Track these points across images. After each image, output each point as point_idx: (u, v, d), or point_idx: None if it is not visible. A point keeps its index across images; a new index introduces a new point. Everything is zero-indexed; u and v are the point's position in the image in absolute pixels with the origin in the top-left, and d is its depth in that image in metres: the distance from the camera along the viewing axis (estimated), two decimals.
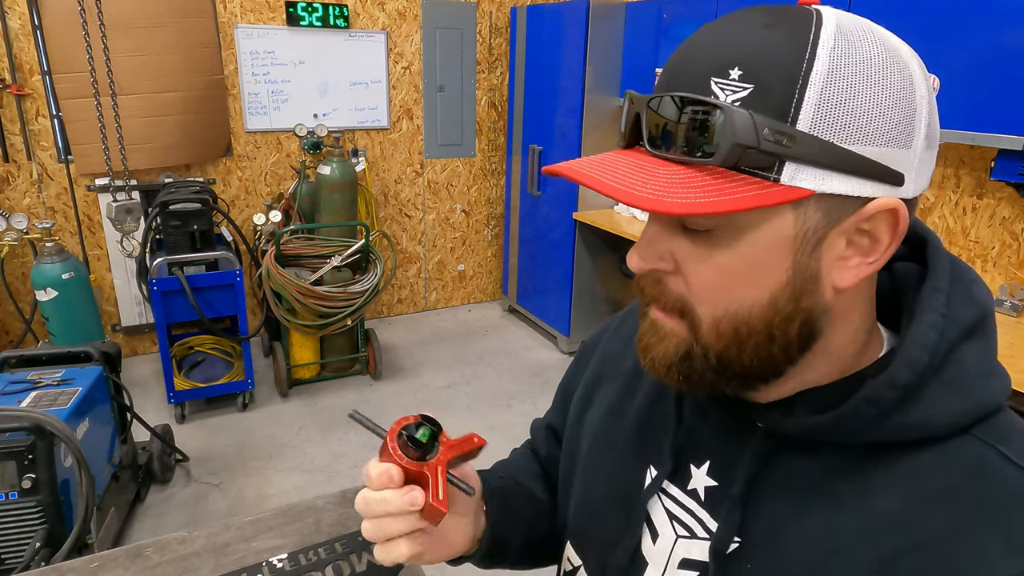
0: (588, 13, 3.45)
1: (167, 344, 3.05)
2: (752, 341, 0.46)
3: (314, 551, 0.95)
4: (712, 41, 0.45)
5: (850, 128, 0.41)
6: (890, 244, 0.45)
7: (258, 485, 2.77)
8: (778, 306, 0.45)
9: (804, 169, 0.41)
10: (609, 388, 0.69)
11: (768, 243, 0.44)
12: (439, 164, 4.46)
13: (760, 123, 0.41)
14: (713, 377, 0.49)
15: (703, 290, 0.47)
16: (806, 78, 0.41)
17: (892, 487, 0.46)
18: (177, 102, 3.54)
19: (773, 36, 0.42)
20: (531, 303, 4.42)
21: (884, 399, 0.45)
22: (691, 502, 0.56)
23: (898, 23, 2.14)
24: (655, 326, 0.51)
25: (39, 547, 1.80)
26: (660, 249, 0.48)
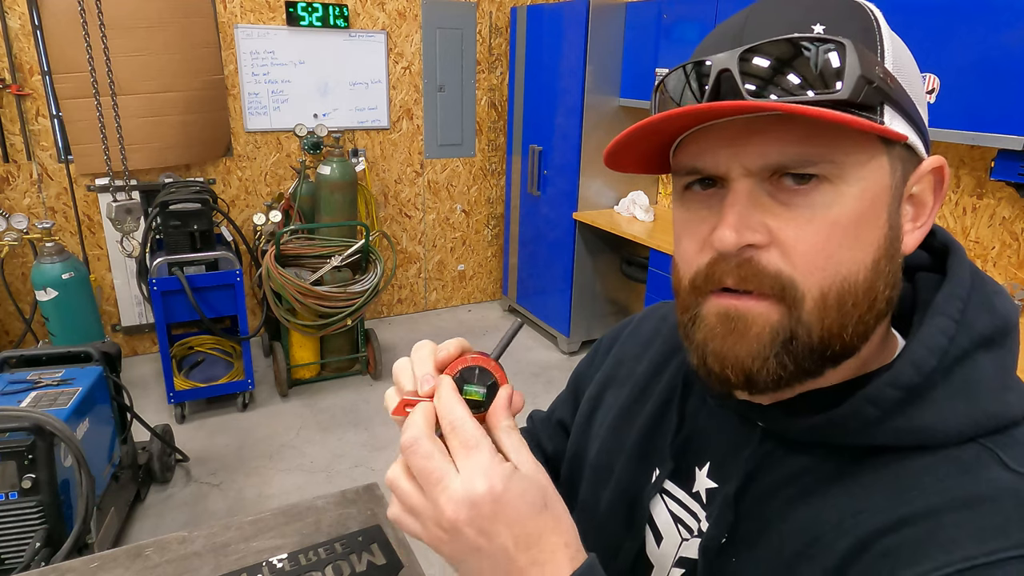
0: (588, 13, 3.45)
1: (167, 344, 3.05)
2: (856, 313, 0.44)
3: (314, 551, 0.95)
4: (775, 10, 0.44)
5: (911, 83, 0.44)
6: (934, 205, 0.46)
7: (258, 485, 2.77)
8: (879, 267, 0.44)
9: (895, 115, 0.43)
10: (620, 391, 0.68)
11: (873, 195, 0.43)
12: (439, 164, 4.46)
13: (871, 61, 0.41)
14: (811, 363, 0.45)
15: (811, 257, 0.43)
16: (879, 29, 0.43)
17: (880, 488, 0.44)
18: (177, 102, 3.54)
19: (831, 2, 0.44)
20: (531, 303, 4.42)
21: (885, 399, 0.44)
22: (694, 504, 0.56)
23: (898, 23, 2.14)
24: (732, 318, 0.45)
25: (39, 547, 1.80)
26: (753, 221, 0.43)
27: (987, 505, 0.40)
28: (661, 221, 3.67)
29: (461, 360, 0.49)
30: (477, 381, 0.48)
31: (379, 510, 1.06)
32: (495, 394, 0.49)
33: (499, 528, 0.42)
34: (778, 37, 0.41)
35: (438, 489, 0.42)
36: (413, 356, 0.50)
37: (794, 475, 0.49)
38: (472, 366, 0.48)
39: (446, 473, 0.42)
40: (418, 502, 0.44)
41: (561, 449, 0.78)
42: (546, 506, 0.45)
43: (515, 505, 0.43)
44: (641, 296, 3.91)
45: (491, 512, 0.42)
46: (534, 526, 0.43)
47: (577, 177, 3.74)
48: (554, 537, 0.44)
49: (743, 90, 0.42)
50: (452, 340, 0.50)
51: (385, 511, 1.07)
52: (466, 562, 0.44)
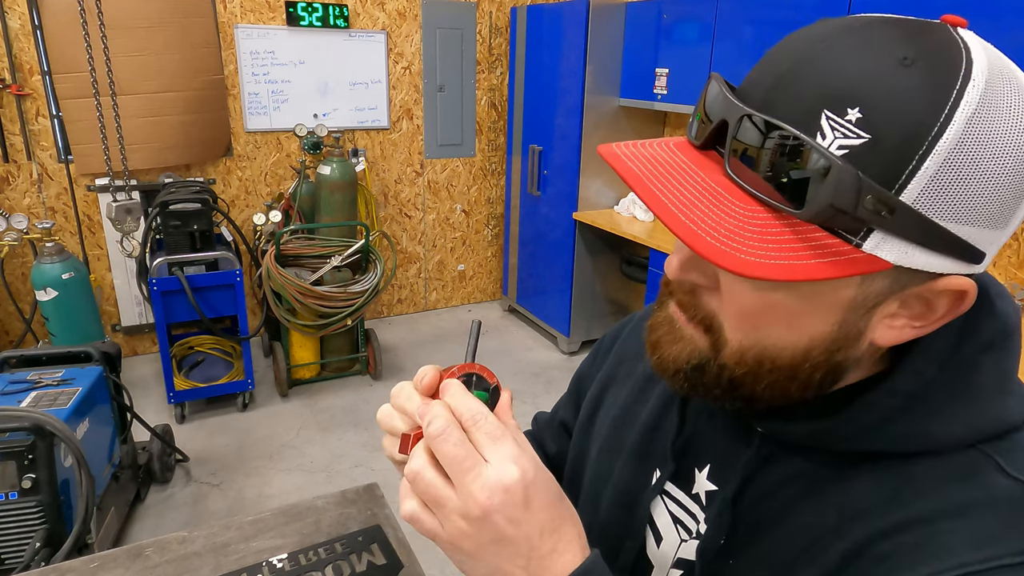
0: (588, 13, 3.45)
1: (167, 344, 3.05)
2: (773, 376, 0.45)
3: (314, 551, 0.95)
4: (834, 57, 0.38)
5: (956, 208, 0.36)
6: (944, 316, 0.42)
7: (258, 485, 2.77)
8: (811, 354, 0.43)
9: (890, 240, 0.37)
10: (621, 390, 0.68)
11: (826, 300, 0.41)
12: (439, 164, 4.46)
13: (865, 188, 0.36)
14: (719, 393, 0.47)
15: (739, 319, 0.44)
16: (932, 144, 0.35)
17: (876, 492, 0.44)
18: (177, 102, 3.54)
19: (908, 79, 0.36)
20: (531, 303, 4.42)
21: (884, 406, 0.44)
22: (694, 506, 0.56)
23: None
24: (672, 324, 0.49)
25: (39, 547, 1.80)
26: (705, 265, 0.45)
27: (983, 511, 0.40)
28: None
29: (449, 375, 0.49)
30: (476, 386, 0.49)
31: (379, 510, 1.06)
32: (497, 395, 0.50)
33: (528, 515, 0.42)
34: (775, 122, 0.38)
35: (470, 476, 0.42)
36: (397, 399, 0.51)
37: (792, 478, 0.49)
38: (466, 374, 0.49)
39: (477, 461, 0.42)
40: (444, 493, 0.43)
41: (564, 450, 0.78)
42: (562, 496, 0.46)
43: (543, 492, 0.43)
44: (641, 296, 3.91)
45: (523, 498, 0.42)
46: (558, 513, 0.44)
47: (577, 177, 3.74)
48: (570, 526, 0.45)
49: (727, 160, 0.41)
50: (424, 368, 0.51)
51: (385, 511, 1.07)
52: (482, 558, 0.43)
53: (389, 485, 2.72)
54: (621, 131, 3.76)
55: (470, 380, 0.50)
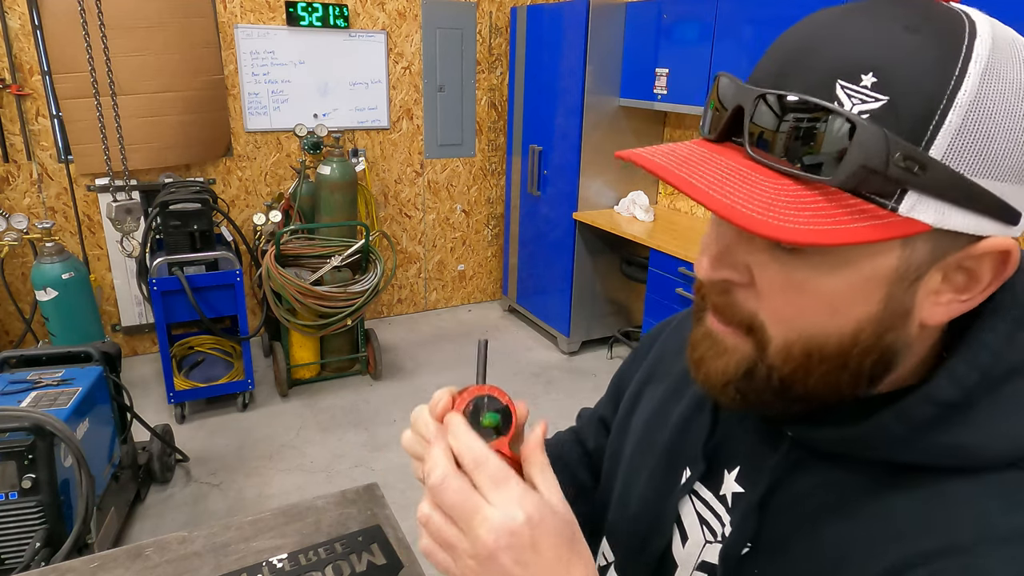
0: (588, 13, 3.45)
1: (167, 344, 3.06)
2: (823, 367, 0.43)
3: (314, 551, 0.95)
4: (840, 33, 0.39)
5: (985, 161, 0.36)
6: (990, 285, 0.40)
7: (258, 485, 2.77)
8: (860, 338, 0.41)
9: (925, 200, 0.37)
10: (657, 388, 0.68)
11: (868, 273, 0.40)
12: (439, 164, 4.46)
13: (893, 145, 0.35)
14: (771, 398, 0.45)
15: (780, 310, 0.42)
16: (951, 98, 0.35)
17: (914, 510, 0.42)
18: (177, 102, 3.54)
19: (917, 41, 0.37)
20: (531, 303, 4.42)
21: (916, 416, 0.41)
22: (720, 507, 0.55)
23: None
24: (713, 338, 0.47)
25: (39, 547, 1.80)
26: (735, 259, 0.44)
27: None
28: (661, 221, 3.67)
29: (461, 399, 0.50)
30: (488, 409, 0.49)
31: (379, 510, 1.06)
32: (509, 416, 0.50)
33: (536, 557, 0.43)
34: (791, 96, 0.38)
35: (476, 521, 0.43)
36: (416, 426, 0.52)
37: (822, 487, 0.47)
38: (478, 396, 0.50)
39: (481, 505, 0.43)
40: (453, 535, 0.44)
41: (602, 445, 0.79)
42: (574, 538, 0.46)
43: (551, 534, 0.43)
44: (641, 296, 3.91)
45: (529, 540, 0.42)
46: (567, 554, 0.44)
47: (577, 177, 3.74)
48: (581, 568, 0.45)
49: (747, 141, 0.41)
50: (438, 393, 0.51)
51: (385, 511, 1.07)
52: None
53: (389, 485, 2.73)
54: (621, 131, 3.76)
55: (482, 403, 0.49)
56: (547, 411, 3.41)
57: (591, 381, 3.73)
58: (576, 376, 3.79)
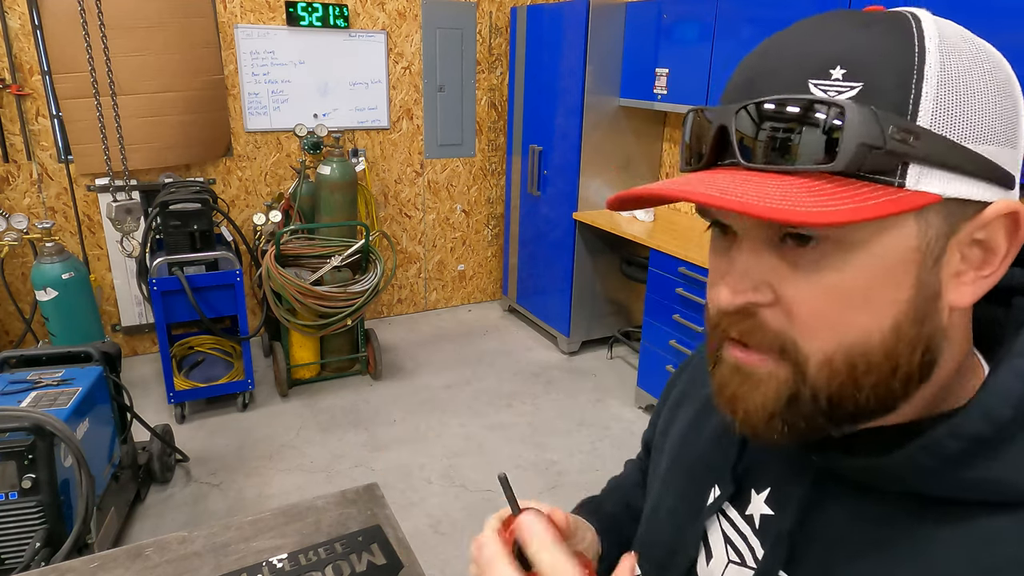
0: (588, 13, 3.45)
1: (167, 344, 3.06)
2: (872, 377, 0.40)
3: (314, 551, 0.95)
4: (799, 41, 0.41)
5: (969, 125, 0.38)
6: (1008, 253, 0.40)
7: (258, 485, 2.77)
8: (901, 332, 0.40)
9: (929, 172, 0.37)
10: (689, 409, 0.68)
11: (890, 258, 0.39)
12: (439, 164, 4.46)
13: (884, 120, 0.36)
14: (823, 422, 0.42)
15: (812, 320, 0.40)
16: (920, 71, 0.37)
17: (957, 549, 0.40)
18: (177, 102, 3.54)
19: (872, 33, 0.39)
20: (531, 303, 4.42)
21: (944, 450, 0.39)
22: (747, 528, 0.54)
23: None
24: (743, 372, 0.44)
25: (39, 547, 1.80)
26: (755, 279, 0.42)
27: None
28: (661, 221, 3.67)
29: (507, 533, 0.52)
30: None
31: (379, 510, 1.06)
32: None
33: None
34: (772, 98, 0.39)
35: None
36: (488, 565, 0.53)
37: (854, 518, 0.45)
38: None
39: None
40: None
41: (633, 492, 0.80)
42: None
43: None
44: (641, 296, 3.90)
45: None
46: None
47: (577, 177, 3.74)
48: None
49: (739, 155, 0.41)
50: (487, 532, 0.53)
51: (385, 511, 1.07)
52: None
53: (389, 485, 2.73)
54: (621, 131, 3.76)
55: None
56: (547, 411, 3.41)
57: (591, 381, 3.73)
58: (576, 376, 3.79)
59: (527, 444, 3.11)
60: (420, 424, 3.26)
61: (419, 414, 3.35)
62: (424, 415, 3.34)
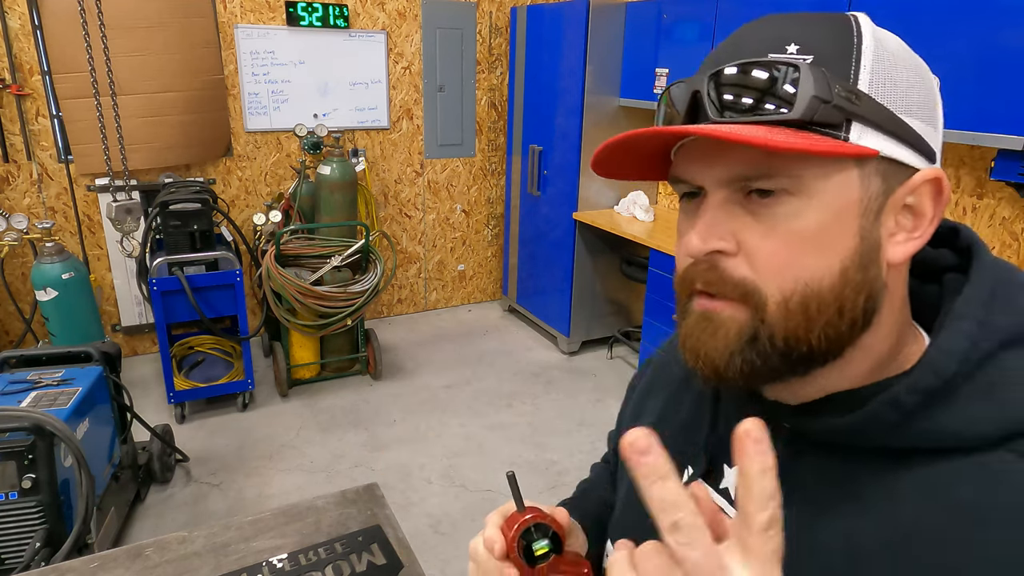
0: (588, 13, 3.45)
1: (167, 344, 3.06)
2: (823, 318, 0.45)
3: (314, 551, 0.95)
4: (757, 29, 0.48)
5: (900, 97, 0.45)
6: (933, 216, 0.46)
7: (258, 485, 2.77)
8: (848, 275, 0.45)
9: (868, 131, 0.44)
10: (659, 398, 0.71)
11: (838, 207, 0.44)
12: (439, 164, 4.46)
13: (832, 80, 0.43)
14: (778, 362, 0.47)
15: (772, 264, 0.45)
16: (859, 48, 0.44)
17: (918, 496, 0.44)
18: (177, 102, 3.54)
19: (821, 22, 0.46)
20: (531, 303, 4.42)
21: (905, 404, 0.44)
22: (723, 501, 0.57)
23: (898, 22, 2.14)
24: (707, 318, 0.48)
25: (39, 547, 1.80)
26: (720, 230, 0.47)
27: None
28: (661, 221, 3.67)
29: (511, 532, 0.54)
30: (538, 535, 0.54)
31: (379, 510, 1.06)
32: (559, 543, 0.55)
33: None
34: (739, 61, 0.45)
35: None
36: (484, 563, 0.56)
37: (824, 478, 0.49)
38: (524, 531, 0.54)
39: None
40: None
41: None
42: None
43: None
44: (641, 296, 3.91)
45: None
46: None
47: (577, 177, 3.74)
48: None
49: (709, 111, 0.46)
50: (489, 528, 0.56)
51: (385, 511, 1.07)
52: None
53: (389, 485, 2.73)
54: (621, 131, 3.66)
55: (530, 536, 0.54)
56: (547, 411, 3.41)
57: (591, 381, 3.73)
58: (576, 376, 3.79)
59: (527, 444, 3.11)
60: (420, 424, 3.26)
61: (419, 414, 3.35)
62: (424, 415, 3.34)
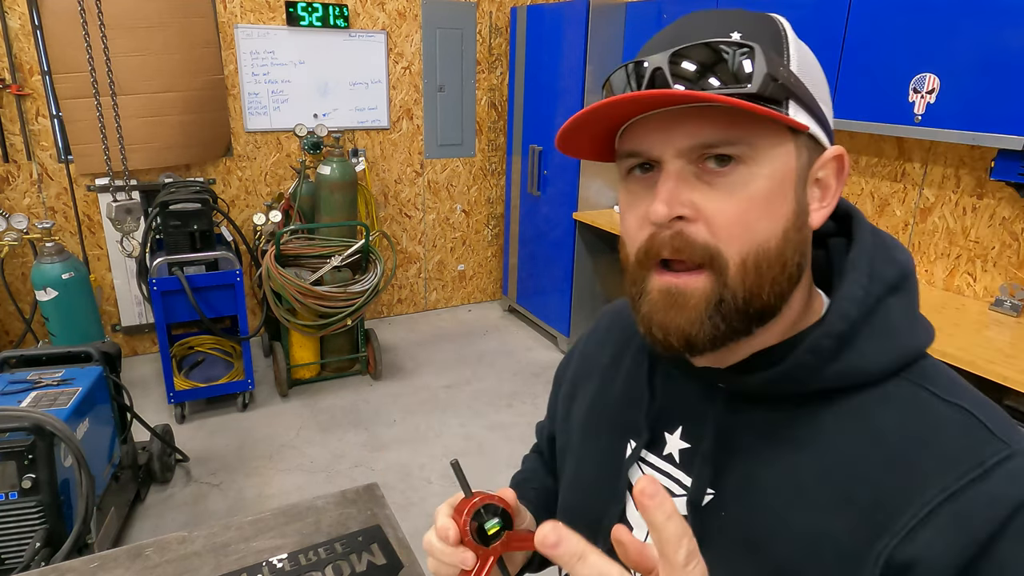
0: (588, 13, 3.45)
1: (167, 344, 3.06)
2: (771, 275, 0.51)
3: (314, 551, 0.95)
4: (699, 19, 0.53)
5: (814, 85, 0.52)
6: (837, 188, 0.54)
7: (258, 485, 2.77)
8: (788, 236, 0.51)
9: (800, 110, 0.50)
10: (590, 384, 0.75)
11: (781, 175, 0.50)
12: (439, 164, 4.46)
13: (778, 61, 0.49)
14: (738, 321, 0.52)
15: (730, 228, 0.50)
16: (785, 39, 0.51)
17: (842, 428, 0.51)
18: (177, 102, 3.54)
19: (752, 16, 0.52)
20: (531, 303, 4.42)
21: (822, 348, 0.51)
22: (668, 465, 0.61)
23: (899, 22, 2.14)
24: (671, 293, 0.52)
25: (39, 547, 1.80)
26: (682, 197, 0.50)
27: (940, 438, 0.48)
28: None
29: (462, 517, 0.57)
30: (488, 516, 0.57)
31: (379, 510, 1.06)
32: (509, 520, 0.58)
33: None
34: (701, 41, 0.49)
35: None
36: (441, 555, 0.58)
37: (761, 427, 0.55)
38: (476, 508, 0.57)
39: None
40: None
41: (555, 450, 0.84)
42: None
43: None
44: None
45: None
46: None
47: (577, 177, 3.74)
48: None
49: (672, 85, 0.50)
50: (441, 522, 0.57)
51: (385, 511, 1.07)
52: None
53: (389, 485, 2.73)
54: None
55: (480, 517, 0.57)
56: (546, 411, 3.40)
57: None
58: None
59: (527, 444, 3.10)
60: (420, 424, 3.26)
61: (419, 414, 3.35)
62: (424, 415, 3.34)
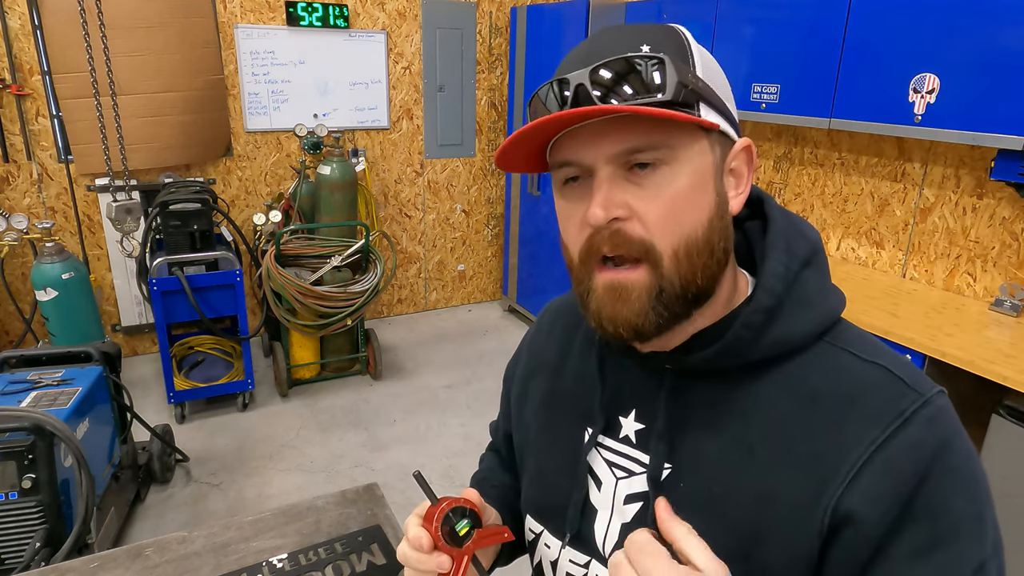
0: (588, 13, 3.45)
1: (167, 344, 3.05)
2: (701, 261, 0.56)
3: (314, 551, 0.95)
4: (610, 35, 0.57)
5: (718, 87, 0.57)
6: (748, 176, 0.60)
7: (258, 485, 2.77)
8: (712, 225, 0.56)
9: (710, 110, 0.56)
10: (541, 378, 0.79)
11: (700, 172, 0.56)
12: (439, 164, 4.46)
13: (684, 69, 0.54)
14: (679, 307, 0.57)
15: (661, 223, 0.55)
16: (689, 48, 0.57)
17: (779, 393, 0.57)
18: (177, 102, 3.54)
19: (658, 29, 0.57)
20: (531, 303, 4.42)
21: (755, 322, 0.57)
22: (625, 447, 0.66)
23: (899, 22, 2.14)
24: (615, 288, 0.57)
25: (39, 547, 1.80)
26: (615, 200, 0.55)
27: (865, 395, 0.55)
28: None
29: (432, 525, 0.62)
30: (457, 518, 0.63)
31: (379, 510, 1.06)
32: (475, 513, 0.64)
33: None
34: (615, 56, 0.54)
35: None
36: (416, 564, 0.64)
37: (708, 401, 0.60)
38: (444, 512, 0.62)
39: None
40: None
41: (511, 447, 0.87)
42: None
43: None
44: None
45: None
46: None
47: None
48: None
49: (595, 99, 0.54)
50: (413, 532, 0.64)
51: (385, 511, 1.07)
52: None
53: (389, 485, 2.73)
54: None
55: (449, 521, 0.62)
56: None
57: None
58: None
59: None
60: (420, 424, 3.26)
61: (419, 414, 3.35)
62: (424, 415, 3.34)
